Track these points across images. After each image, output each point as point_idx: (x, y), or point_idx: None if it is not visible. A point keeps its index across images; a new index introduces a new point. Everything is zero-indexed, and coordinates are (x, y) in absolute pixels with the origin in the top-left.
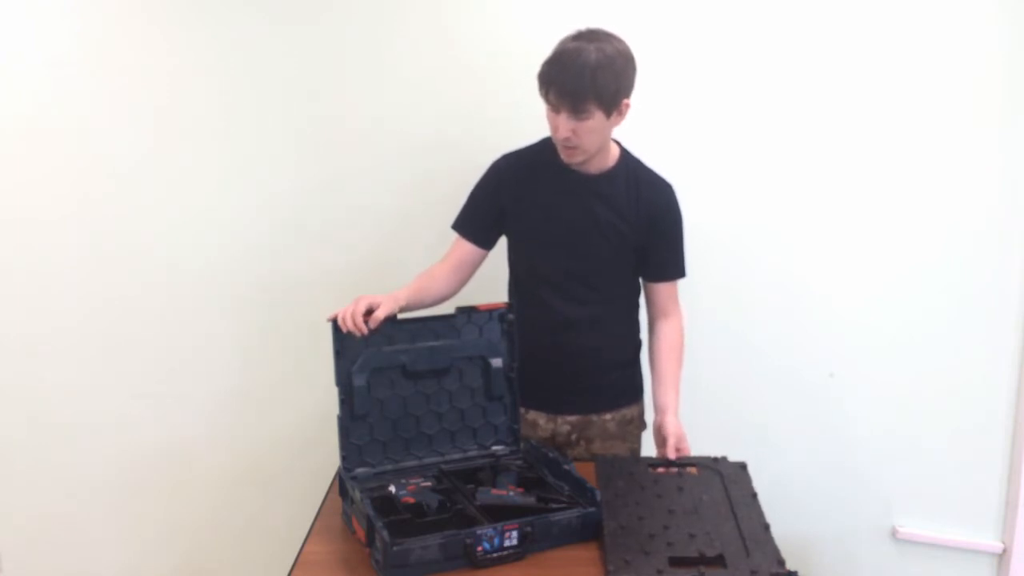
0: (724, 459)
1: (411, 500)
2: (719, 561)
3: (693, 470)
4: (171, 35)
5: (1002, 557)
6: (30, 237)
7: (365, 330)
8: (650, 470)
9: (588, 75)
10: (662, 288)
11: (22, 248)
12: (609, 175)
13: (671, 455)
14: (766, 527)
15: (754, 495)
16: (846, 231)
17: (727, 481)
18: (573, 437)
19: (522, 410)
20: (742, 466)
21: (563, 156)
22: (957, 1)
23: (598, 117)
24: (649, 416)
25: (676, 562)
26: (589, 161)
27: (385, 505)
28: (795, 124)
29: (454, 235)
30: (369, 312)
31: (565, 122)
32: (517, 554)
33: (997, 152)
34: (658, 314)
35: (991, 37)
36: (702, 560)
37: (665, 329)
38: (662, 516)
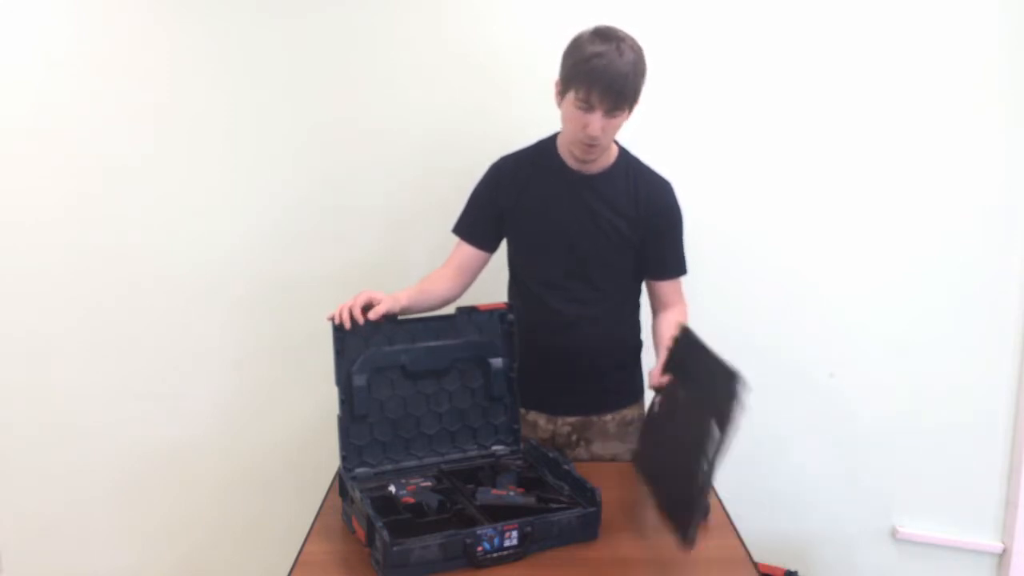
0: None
1: (411, 500)
2: None
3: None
4: (171, 35)
5: (1002, 557)
6: (29, 237)
7: (361, 321)
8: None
9: (631, 76)
10: (665, 286)
11: (21, 248)
12: (608, 173)
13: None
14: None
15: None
16: (846, 231)
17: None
18: (573, 438)
19: (522, 411)
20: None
21: (581, 154)
22: (958, 1)
23: (625, 115)
24: None
25: None
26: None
27: (385, 505)
28: (795, 123)
29: (455, 238)
30: (368, 308)
31: (599, 120)
32: (517, 554)
33: (997, 152)
34: (662, 309)
35: (991, 37)
36: None
37: (669, 313)
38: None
